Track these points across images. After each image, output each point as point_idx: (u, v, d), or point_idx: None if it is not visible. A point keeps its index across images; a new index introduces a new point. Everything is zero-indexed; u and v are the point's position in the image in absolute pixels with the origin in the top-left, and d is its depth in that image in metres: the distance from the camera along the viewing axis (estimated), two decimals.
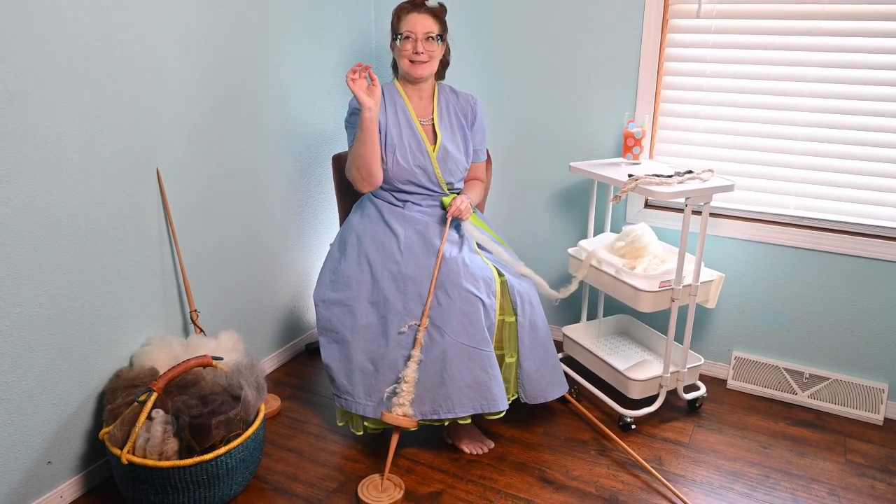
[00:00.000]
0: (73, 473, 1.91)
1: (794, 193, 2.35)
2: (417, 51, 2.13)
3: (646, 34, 2.40)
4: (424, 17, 2.15)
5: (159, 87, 1.97)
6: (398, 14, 2.19)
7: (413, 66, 2.16)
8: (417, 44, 2.13)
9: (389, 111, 2.20)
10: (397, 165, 2.17)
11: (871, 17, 2.11)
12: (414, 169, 2.18)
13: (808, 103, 2.26)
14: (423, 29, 2.13)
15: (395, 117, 2.20)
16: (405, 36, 2.14)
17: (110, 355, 1.95)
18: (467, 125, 2.30)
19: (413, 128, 2.20)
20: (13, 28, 1.57)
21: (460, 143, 2.27)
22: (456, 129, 2.28)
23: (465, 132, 2.29)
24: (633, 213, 2.60)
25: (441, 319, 1.98)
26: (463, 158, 2.28)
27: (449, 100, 2.29)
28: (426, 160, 2.19)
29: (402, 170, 2.17)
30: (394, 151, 2.17)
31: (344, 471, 2.06)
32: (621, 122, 2.52)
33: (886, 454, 2.17)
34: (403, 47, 2.15)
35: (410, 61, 2.16)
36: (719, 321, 2.57)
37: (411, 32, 2.13)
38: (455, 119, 2.28)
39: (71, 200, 1.77)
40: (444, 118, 2.26)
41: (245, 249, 2.42)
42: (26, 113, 1.63)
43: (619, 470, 2.06)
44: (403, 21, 2.15)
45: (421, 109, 2.25)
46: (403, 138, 2.19)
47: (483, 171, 2.41)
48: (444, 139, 2.23)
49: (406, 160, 2.17)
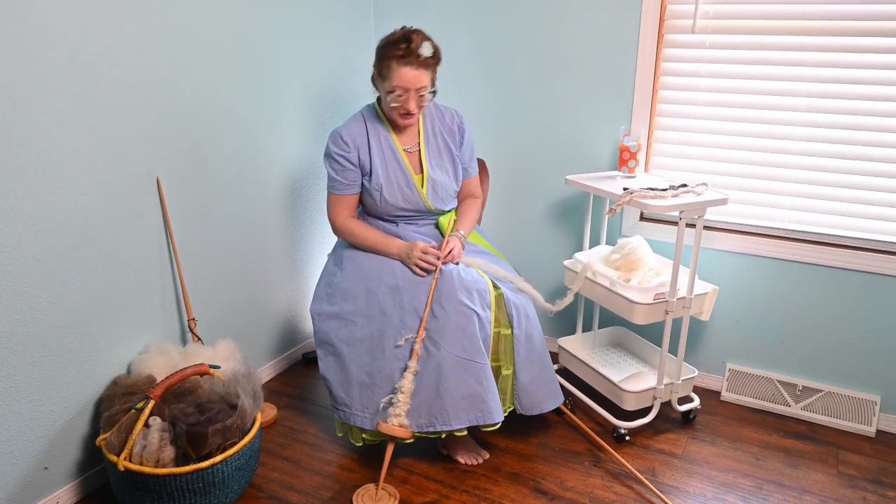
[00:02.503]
0: (70, 480, 1.92)
1: (787, 207, 2.38)
2: (409, 110, 2.03)
3: (641, 49, 2.43)
4: (419, 71, 1.98)
5: (160, 97, 2.00)
6: (388, 61, 1.99)
7: (403, 119, 2.08)
8: (410, 102, 2.01)
9: (374, 145, 2.12)
10: (385, 203, 2.13)
11: (864, 32, 2.14)
12: (402, 204, 2.15)
13: (802, 117, 2.29)
14: (416, 85, 1.99)
15: (380, 150, 2.13)
16: (396, 92, 2.00)
17: (108, 362, 1.96)
18: (455, 146, 2.24)
19: (399, 160, 2.14)
20: (16, 38, 1.59)
21: (448, 168, 2.23)
22: (443, 153, 2.22)
23: (453, 153, 2.24)
24: (629, 226, 2.63)
25: (437, 332, 1.99)
26: (452, 183, 2.23)
27: (434, 121, 2.23)
28: (414, 194, 2.16)
29: (390, 206, 2.14)
30: (380, 190, 2.11)
31: (339, 480, 2.07)
32: (617, 135, 2.55)
33: (878, 466, 2.18)
34: (393, 100, 2.03)
35: (400, 115, 2.06)
36: (713, 333, 2.59)
37: (404, 90, 1.99)
38: (441, 142, 2.23)
39: (71, 208, 1.79)
40: (431, 143, 2.21)
41: (243, 259, 2.44)
42: (29, 121, 1.65)
43: (613, 481, 2.07)
44: (395, 73, 1.98)
45: (405, 136, 2.17)
46: (390, 174, 2.13)
47: (477, 186, 2.38)
48: (430, 171, 2.17)
49: (394, 197, 2.13)
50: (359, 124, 2.15)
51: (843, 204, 2.30)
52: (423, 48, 1.98)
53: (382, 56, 2.02)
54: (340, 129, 2.13)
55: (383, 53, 2.02)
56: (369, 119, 2.16)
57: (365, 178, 2.14)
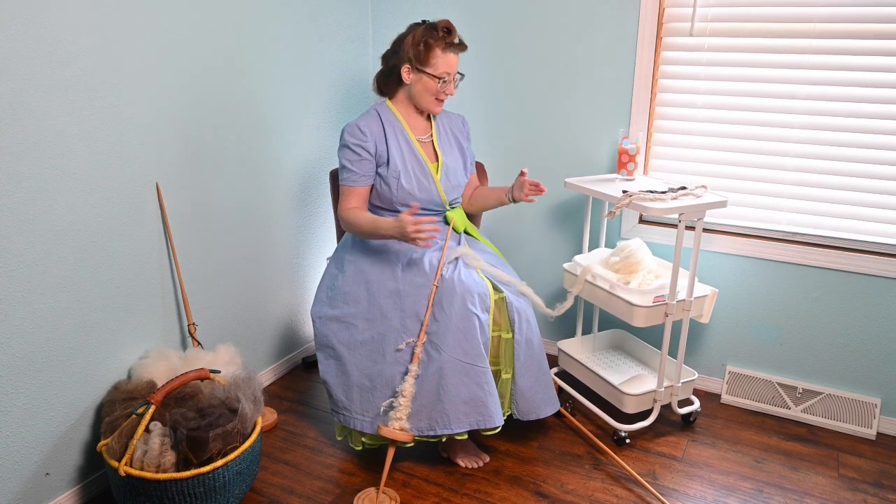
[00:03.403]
0: (71, 485, 1.92)
1: (786, 209, 2.38)
2: (449, 93, 2.13)
3: (640, 52, 2.44)
4: (456, 57, 2.12)
5: (159, 103, 2.00)
6: (432, 47, 2.07)
7: (437, 104, 2.16)
8: (450, 86, 2.12)
9: (390, 136, 2.17)
10: (401, 190, 2.15)
11: (863, 35, 2.15)
12: (417, 192, 2.17)
13: (801, 120, 2.29)
14: (456, 69, 2.12)
15: (396, 140, 2.18)
16: (442, 78, 2.09)
17: (109, 368, 1.96)
18: (464, 138, 2.34)
19: (414, 150, 2.20)
20: (15, 45, 1.60)
21: (458, 158, 2.30)
22: (454, 145, 2.30)
23: (462, 146, 2.33)
24: (628, 229, 2.63)
25: (437, 336, 2.00)
26: (463, 172, 2.30)
27: (443, 118, 2.31)
28: (430, 182, 2.19)
29: (406, 194, 2.16)
30: (398, 177, 2.14)
31: (340, 484, 2.07)
32: (616, 138, 2.55)
33: (879, 469, 2.18)
34: (436, 86, 2.10)
35: (437, 99, 2.14)
36: (713, 336, 2.59)
37: (448, 74, 2.09)
38: (451, 135, 2.31)
39: (71, 214, 1.79)
40: (443, 135, 2.28)
41: (243, 264, 2.44)
42: (28, 128, 1.65)
43: (614, 484, 2.07)
44: (441, 60, 2.07)
45: (418, 127, 2.24)
46: (407, 164, 2.17)
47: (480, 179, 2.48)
48: (444, 157, 2.24)
49: (411, 185, 2.16)
50: (373, 117, 2.19)
51: (843, 206, 2.30)
52: (459, 38, 2.13)
53: (424, 44, 2.07)
54: (357, 121, 2.17)
55: (424, 41, 2.07)
56: (383, 113, 2.21)
57: (381, 168, 2.16)
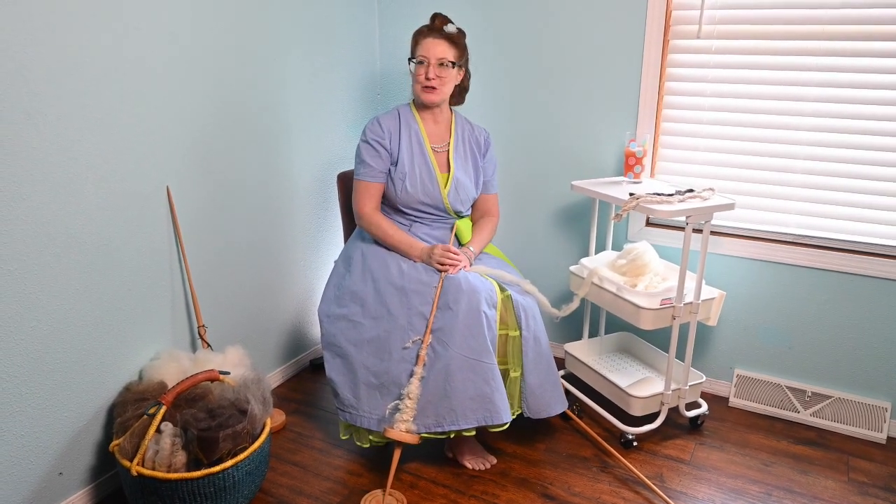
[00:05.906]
0: (84, 485, 1.95)
1: (794, 212, 2.38)
2: (428, 76, 2.16)
3: (647, 55, 2.44)
4: (439, 42, 2.17)
5: (169, 107, 2.03)
6: (416, 37, 2.22)
7: (424, 92, 2.19)
8: (430, 69, 2.16)
9: (404, 137, 2.23)
10: (405, 193, 2.20)
11: (871, 37, 2.14)
12: (421, 197, 2.21)
13: (808, 122, 2.29)
14: (436, 55, 2.15)
15: (409, 143, 2.23)
16: (419, 61, 2.17)
17: (120, 369, 1.99)
18: (479, 155, 2.35)
19: (425, 155, 2.23)
20: (30, 51, 1.63)
21: (471, 173, 2.32)
22: (469, 158, 2.32)
23: (478, 161, 2.34)
24: (635, 232, 2.63)
25: (444, 332, 2.01)
26: (473, 188, 2.32)
27: (465, 129, 2.34)
28: (435, 190, 2.22)
29: (410, 197, 2.20)
30: (403, 179, 2.20)
31: (347, 485, 2.08)
32: (622, 141, 2.55)
33: (889, 473, 2.17)
34: (417, 71, 2.19)
35: (422, 86, 2.19)
36: (721, 339, 2.59)
37: (425, 57, 2.16)
38: (468, 148, 2.33)
39: (84, 217, 1.82)
40: (460, 147, 2.31)
41: (251, 267, 2.47)
42: (42, 133, 1.68)
43: (621, 487, 2.07)
44: (420, 45, 2.19)
45: (436, 135, 2.28)
46: (415, 167, 2.21)
47: (495, 205, 2.44)
48: (456, 171, 2.27)
49: (415, 188, 2.20)
50: (393, 116, 2.27)
51: (851, 208, 2.29)
52: (448, 26, 2.20)
53: (414, 36, 2.23)
54: (378, 117, 2.27)
55: (413, 35, 2.24)
56: (403, 113, 2.28)
57: (392, 167, 2.22)
